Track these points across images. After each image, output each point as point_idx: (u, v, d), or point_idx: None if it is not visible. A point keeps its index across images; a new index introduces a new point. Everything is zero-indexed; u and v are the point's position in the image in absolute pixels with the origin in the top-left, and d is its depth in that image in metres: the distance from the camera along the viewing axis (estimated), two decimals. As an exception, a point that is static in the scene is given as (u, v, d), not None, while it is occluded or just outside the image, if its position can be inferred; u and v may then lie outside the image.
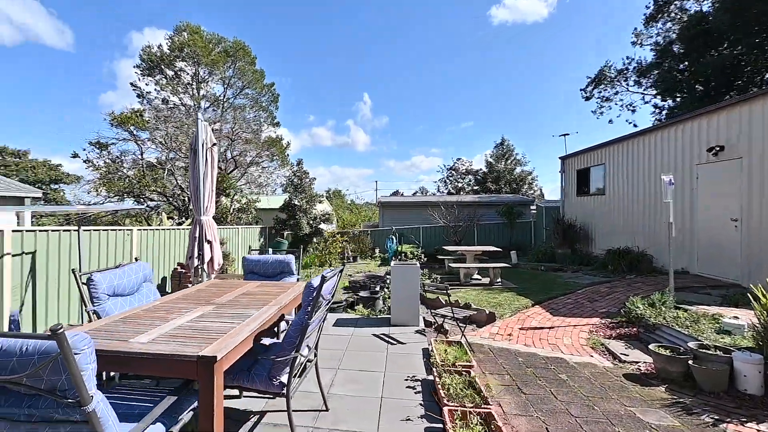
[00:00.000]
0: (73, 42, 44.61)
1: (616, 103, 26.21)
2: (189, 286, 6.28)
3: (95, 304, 2.76)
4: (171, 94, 20.10)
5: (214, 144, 4.87)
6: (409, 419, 2.81)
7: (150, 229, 6.99)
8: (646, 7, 21.40)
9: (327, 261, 13.98)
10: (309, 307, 2.42)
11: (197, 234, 4.61)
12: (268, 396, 2.95)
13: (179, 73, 20.24)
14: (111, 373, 2.66)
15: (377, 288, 6.65)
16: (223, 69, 21.06)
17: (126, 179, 15.87)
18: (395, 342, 4.48)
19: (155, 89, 19.87)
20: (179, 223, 12.77)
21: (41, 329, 4.48)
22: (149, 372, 2.00)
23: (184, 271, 6.81)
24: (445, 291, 4.45)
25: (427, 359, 3.90)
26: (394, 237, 11.42)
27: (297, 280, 4.40)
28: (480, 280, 9.07)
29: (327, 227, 17.33)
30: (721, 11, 16.29)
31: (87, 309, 2.76)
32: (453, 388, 3.02)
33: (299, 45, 61.78)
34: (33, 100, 52.75)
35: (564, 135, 17.45)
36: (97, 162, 15.77)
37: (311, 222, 14.95)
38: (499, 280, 8.45)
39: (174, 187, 16.18)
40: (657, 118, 22.24)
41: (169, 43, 19.62)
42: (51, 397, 1.36)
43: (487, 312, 5.33)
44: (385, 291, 6.58)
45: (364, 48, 67.73)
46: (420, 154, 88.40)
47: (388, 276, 9.82)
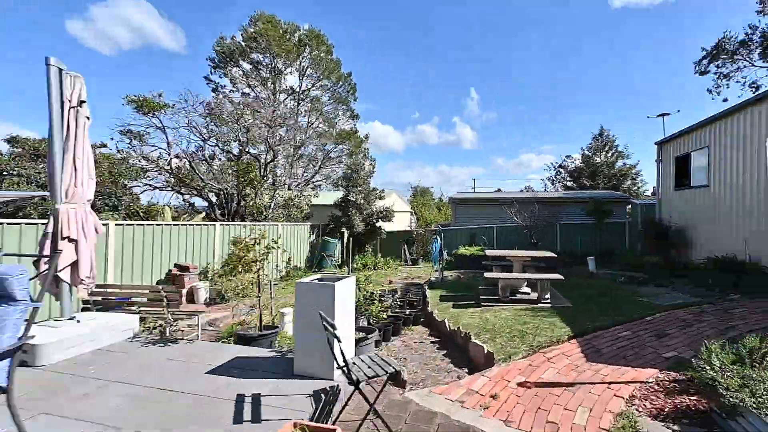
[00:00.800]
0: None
1: (737, 81, 21.38)
2: (182, 292, 5.32)
3: None
4: (248, 87, 20.81)
5: (82, 102, 3.91)
6: None
7: (129, 224, 6.23)
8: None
9: (383, 263, 13.41)
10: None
11: (51, 230, 3.65)
12: None
13: (257, 66, 20.84)
14: None
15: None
16: (300, 60, 21.19)
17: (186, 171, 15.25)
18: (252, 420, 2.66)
19: (229, 82, 20.67)
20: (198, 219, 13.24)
21: None
22: None
23: (180, 274, 6.73)
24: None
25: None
26: (438, 237, 10.27)
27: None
28: (529, 294, 7.58)
29: (391, 225, 16.69)
30: None
31: None
32: None
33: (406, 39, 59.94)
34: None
35: (662, 115, 13.70)
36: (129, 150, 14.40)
37: (367, 219, 14.49)
38: (548, 296, 6.89)
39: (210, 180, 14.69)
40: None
41: (243, 34, 20.16)
42: None
43: (485, 351, 4.12)
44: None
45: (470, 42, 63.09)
46: (530, 152, 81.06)
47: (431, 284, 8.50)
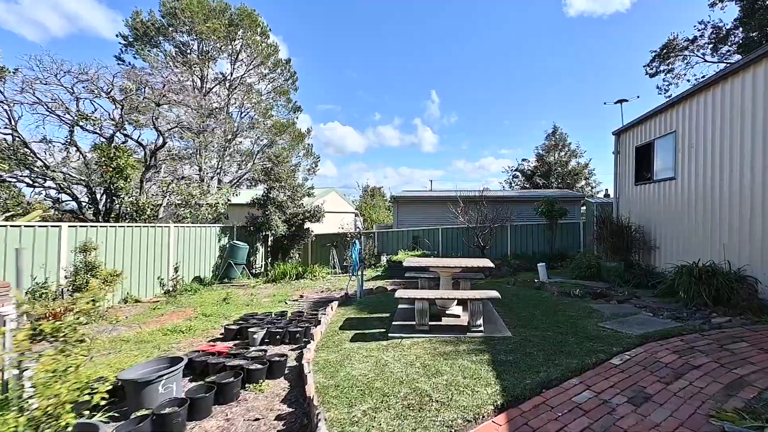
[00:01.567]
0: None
1: (688, 80, 21.82)
2: None
3: None
4: (172, 73, 18.19)
5: None
6: None
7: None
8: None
9: (308, 271, 11.15)
10: None
11: None
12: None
13: (183, 50, 18.34)
14: None
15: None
16: (231, 44, 18.70)
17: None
18: None
19: (148, 66, 18.00)
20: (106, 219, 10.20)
21: None
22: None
23: None
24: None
25: None
26: (357, 241, 8.18)
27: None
28: (459, 317, 5.66)
29: (327, 228, 14.50)
30: None
31: None
32: None
33: (365, 39, 58.88)
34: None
35: (621, 102, 12.56)
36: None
37: (291, 220, 12.13)
38: (480, 322, 4.94)
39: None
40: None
41: (162, 9, 17.74)
42: None
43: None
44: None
45: (430, 47, 62.41)
46: (490, 155, 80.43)
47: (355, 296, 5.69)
